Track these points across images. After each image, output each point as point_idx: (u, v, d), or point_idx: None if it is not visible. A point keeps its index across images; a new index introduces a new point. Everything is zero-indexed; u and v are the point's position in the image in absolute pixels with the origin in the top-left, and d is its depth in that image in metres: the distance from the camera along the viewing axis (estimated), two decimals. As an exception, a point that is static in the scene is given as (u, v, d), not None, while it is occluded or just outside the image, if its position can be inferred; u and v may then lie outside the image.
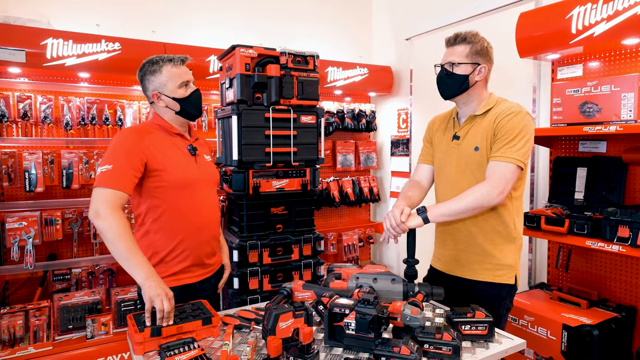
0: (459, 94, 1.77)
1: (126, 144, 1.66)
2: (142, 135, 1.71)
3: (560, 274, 2.72)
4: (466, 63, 1.72)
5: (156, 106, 1.80)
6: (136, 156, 1.64)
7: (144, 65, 1.78)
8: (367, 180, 4.26)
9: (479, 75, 1.74)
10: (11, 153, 2.83)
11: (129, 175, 1.61)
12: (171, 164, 1.73)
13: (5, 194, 2.93)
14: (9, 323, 2.76)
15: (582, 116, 2.28)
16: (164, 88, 1.75)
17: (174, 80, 1.76)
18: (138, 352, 1.39)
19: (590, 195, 2.47)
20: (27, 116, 2.90)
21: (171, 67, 1.76)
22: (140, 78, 1.80)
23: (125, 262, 1.53)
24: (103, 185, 1.57)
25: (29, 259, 2.81)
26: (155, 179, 1.70)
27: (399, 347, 1.27)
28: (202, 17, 3.65)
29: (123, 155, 1.63)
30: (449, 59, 1.75)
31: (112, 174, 1.58)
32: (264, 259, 2.52)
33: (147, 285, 1.48)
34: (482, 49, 1.73)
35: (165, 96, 1.76)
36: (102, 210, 1.53)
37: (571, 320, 2.21)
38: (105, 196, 1.55)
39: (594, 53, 2.46)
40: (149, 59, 1.77)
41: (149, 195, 1.72)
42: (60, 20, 3.10)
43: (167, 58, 1.76)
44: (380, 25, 4.48)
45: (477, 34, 1.75)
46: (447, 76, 1.76)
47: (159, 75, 1.75)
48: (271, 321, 1.40)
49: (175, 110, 1.78)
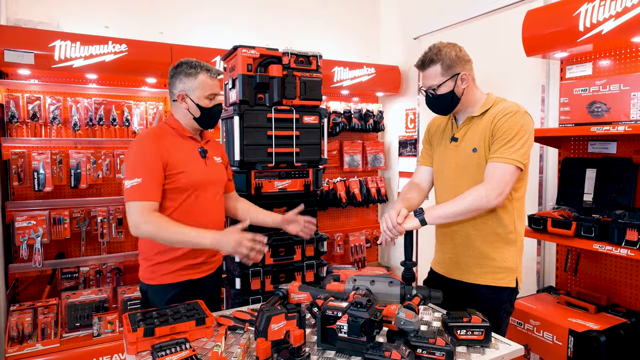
0: (454, 108, 1.75)
1: (148, 153, 1.71)
2: (158, 141, 1.75)
3: (569, 277, 2.66)
4: (445, 81, 1.68)
5: (177, 106, 1.83)
6: (159, 164, 1.70)
7: (181, 64, 1.81)
8: (374, 180, 4.23)
9: (464, 83, 1.70)
10: (21, 153, 2.89)
11: (157, 184, 1.69)
12: (184, 166, 1.77)
13: (16, 193, 2.99)
14: (17, 320, 2.81)
15: (590, 116, 2.22)
16: (192, 92, 1.79)
17: (205, 90, 1.80)
18: (131, 352, 1.40)
19: (600, 197, 2.41)
20: (37, 117, 2.95)
21: (206, 77, 1.81)
22: (172, 74, 1.83)
23: (186, 244, 1.68)
24: (136, 199, 1.65)
25: (38, 257, 2.86)
26: (170, 182, 1.74)
27: (390, 352, 1.25)
28: (209, 17, 3.67)
29: (148, 166, 1.69)
30: (428, 83, 1.73)
31: (142, 187, 1.65)
32: (266, 260, 2.52)
33: (222, 245, 1.63)
34: (452, 60, 1.67)
35: (190, 100, 1.80)
36: (141, 221, 1.63)
37: (578, 326, 2.15)
38: (140, 208, 1.64)
39: (604, 51, 2.40)
40: (187, 60, 1.81)
41: (161, 197, 1.75)
42: (69, 23, 3.16)
43: (206, 67, 1.81)
44: (388, 24, 4.44)
45: (441, 48, 1.68)
46: (435, 99, 1.74)
47: (193, 79, 1.78)
48: (263, 323, 1.39)
49: (194, 115, 1.82)
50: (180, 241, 1.66)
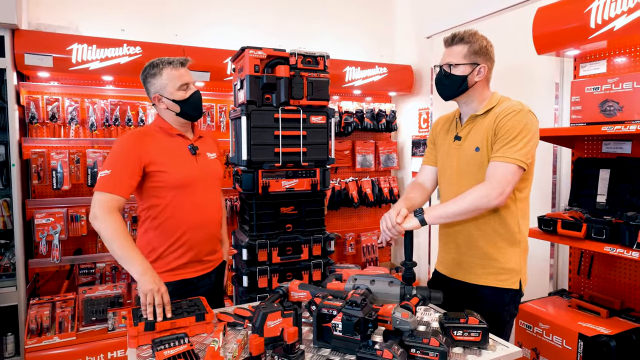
0: (458, 95, 1.73)
1: (125, 149, 1.73)
2: (141, 139, 1.77)
3: (582, 280, 2.59)
4: (464, 64, 1.68)
5: (158, 108, 1.86)
6: (134, 161, 1.70)
7: (145, 68, 1.83)
8: (387, 180, 4.21)
9: (479, 75, 1.69)
10: (40, 153, 2.99)
11: (126, 180, 1.69)
12: (170, 164, 1.78)
13: (36, 191, 3.11)
14: (37, 313, 2.92)
15: (602, 115, 2.16)
16: (164, 90, 1.80)
17: (174, 83, 1.79)
18: (132, 345, 1.45)
19: (614, 199, 2.34)
20: (55, 118, 3.06)
21: (171, 70, 1.79)
22: (142, 81, 1.86)
23: (121, 260, 1.61)
24: (101, 190, 1.65)
25: (55, 253, 2.96)
26: (155, 180, 1.76)
27: (382, 351, 1.25)
28: (224, 18, 3.71)
29: (122, 160, 1.70)
30: (447, 59, 1.72)
31: (110, 179, 1.66)
32: (273, 258, 2.55)
33: (142, 281, 1.55)
34: (481, 48, 1.67)
35: (165, 98, 1.81)
36: (99, 213, 1.61)
37: (588, 330, 2.10)
38: (103, 200, 1.63)
39: (619, 48, 2.33)
40: (150, 62, 1.82)
41: (149, 195, 1.79)
42: (88, 26, 3.26)
43: (166, 61, 1.80)
44: (401, 24, 4.42)
45: (476, 33, 1.69)
46: (446, 77, 1.72)
47: (159, 77, 1.79)
48: (259, 320, 1.41)
49: (175, 112, 1.83)
50: (117, 255, 1.60)
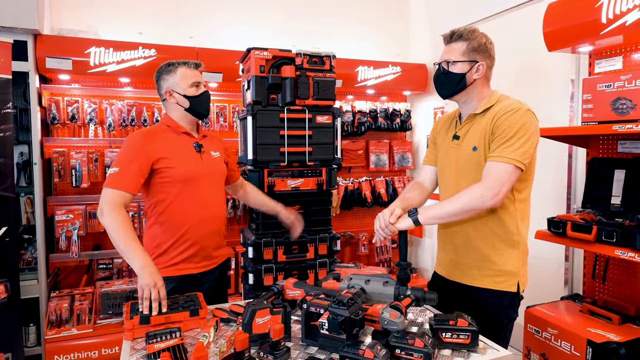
0: (457, 93, 1.70)
1: (133, 147, 1.82)
2: (149, 138, 1.86)
3: (597, 285, 2.50)
4: (463, 61, 1.65)
5: (167, 103, 1.95)
6: (142, 158, 1.79)
7: (161, 67, 1.95)
8: (401, 180, 4.18)
9: (477, 73, 1.66)
10: (61, 152, 3.13)
11: (134, 177, 1.77)
12: (176, 161, 1.86)
13: (57, 189, 3.25)
14: (56, 306, 3.05)
15: (615, 113, 2.08)
16: (176, 86, 1.90)
17: (187, 80, 1.90)
18: (128, 338, 1.50)
19: (629, 201, 2.25)
20: (75, 118, 3.19)
21: (185, 69, 1.92)
22: (156, 79, 1.96)
23: (124, 254, 1.68)
24: (109, 186, 1.74)
25: (74, 248, 3.09)
26: (163, 176, 1.84)
27: (364, 350, 1.25)
28: (237, 19, 3.76)
29: (130, 158, 1.79)
30: (445, 57, 1.69)
31: (118, 176, 1.75)
32: (278, 257, 2.57)
33: (141, 275, 1.61)
34: (480, 45, 1.64)
35: (177, 93, 1.90)
36: (106, 208, 1.70)
37: (597, 336, 2.02)
38: (110, 196, 1.72)
39: (635, 44, 2.23)
40: (165, 62, 1.94)
41: (156, 190, 1.87)
42: (107, 31, 3.38)
43: (182, 62, 1.93)
44: (416, 23, 4.37)
45: (475, 30, 1.66)
46: (444, 75, 1.70)
47: (173, 75, 1.91)
48: (247, 316, 1.44)
49: (184, 107, 1.91)
50: (120, 249, 1.67)
